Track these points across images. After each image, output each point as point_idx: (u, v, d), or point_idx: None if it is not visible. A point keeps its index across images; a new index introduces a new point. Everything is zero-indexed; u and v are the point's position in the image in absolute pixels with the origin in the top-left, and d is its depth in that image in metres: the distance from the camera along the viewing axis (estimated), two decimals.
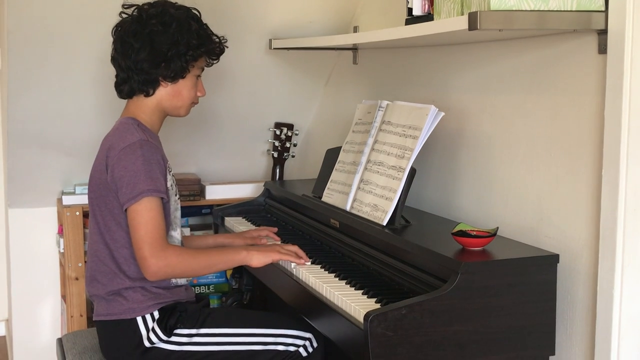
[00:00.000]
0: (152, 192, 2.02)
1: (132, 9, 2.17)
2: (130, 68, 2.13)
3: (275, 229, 2.48)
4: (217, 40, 2.24)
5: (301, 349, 2.18)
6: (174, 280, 2.15)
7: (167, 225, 2.13)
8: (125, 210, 2.04)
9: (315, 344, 2.21)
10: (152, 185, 2.02)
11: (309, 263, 2.17)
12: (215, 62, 2.28)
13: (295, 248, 2.20)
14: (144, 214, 2.01)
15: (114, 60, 2.18)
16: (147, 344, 2.07)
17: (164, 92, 2.17)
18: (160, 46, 2.10)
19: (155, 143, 2.12)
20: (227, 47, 2.28)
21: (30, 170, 3.04)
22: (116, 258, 2.09)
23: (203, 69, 2.24)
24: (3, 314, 3.97)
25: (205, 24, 2.21)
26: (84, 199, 2.99)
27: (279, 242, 2.39)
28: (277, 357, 2.15)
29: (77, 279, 2.99)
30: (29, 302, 3.27)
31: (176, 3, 2.20)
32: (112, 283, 2.10)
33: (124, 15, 2.18)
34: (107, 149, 2.08)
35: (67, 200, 3.02)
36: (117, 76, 2.19)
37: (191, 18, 2.17)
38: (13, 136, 2.91)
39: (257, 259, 2.13)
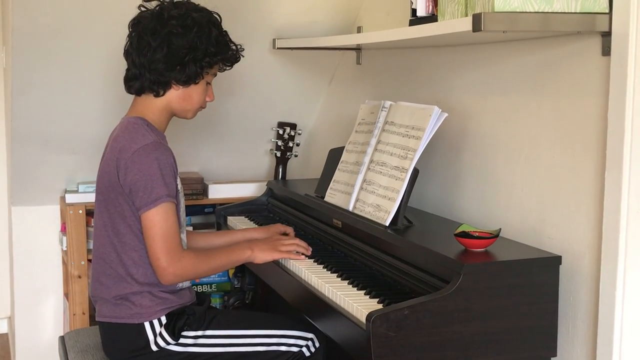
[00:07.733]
0: (168, 198, 2.01)
1: (154, 4, 2.11)
2: (144, 66, 2.08)
3: (291, 229, 2.46)
4: (235, 48, 2.20)
5: (304, 349, 2.18)
6: (179, 284, 2.13)
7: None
8: (141, 214, 2.02)
9: (317, 344, 2.21)
10: (168, 190, 2.01)
11: (309, 256, 2.19)
12: (228, 69, 2.24)
13: (294, 247, 2.21)
14: (162, 223, 2.00)
15: (128, 54, 2.13)
16: (154, 347, 2.07)
17: (175, 95, 2.13)
18: (177, 49, 2.06)
19: (165, 144, 2.10)
20: (243, 56, 2.25)
21: (33, 168, 3.05)
22: (124, 261, 2.07)
23: (216, 75, 2.22)
24: (6, 312, 3.97)
25: (225, 31, 2.18)
26: (87, 197, 2.99)
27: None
28: (280, 358, 2.16)
29: (79, 277, 3.00)
30: (31, 300, 3.28)
31: (198, 5, 2.16)
32: (118, 287, 2.07)
33: (143, 9, 2.13)
34: (119, 151, 2.04)
35: (71, 198, 3.02)
36: (128, 70, 2.14)
37: (212, 23, 2.13)
38: (17, 134, 2.91)
39: (260, 258, 2.18)
